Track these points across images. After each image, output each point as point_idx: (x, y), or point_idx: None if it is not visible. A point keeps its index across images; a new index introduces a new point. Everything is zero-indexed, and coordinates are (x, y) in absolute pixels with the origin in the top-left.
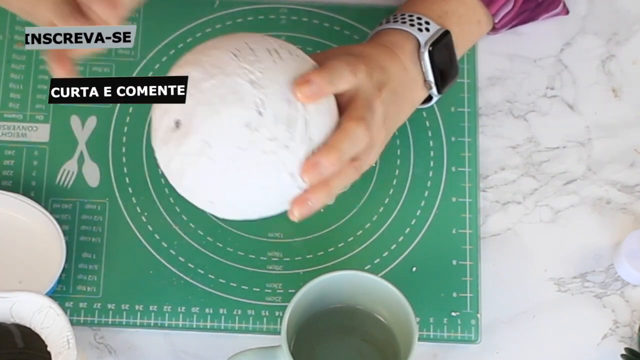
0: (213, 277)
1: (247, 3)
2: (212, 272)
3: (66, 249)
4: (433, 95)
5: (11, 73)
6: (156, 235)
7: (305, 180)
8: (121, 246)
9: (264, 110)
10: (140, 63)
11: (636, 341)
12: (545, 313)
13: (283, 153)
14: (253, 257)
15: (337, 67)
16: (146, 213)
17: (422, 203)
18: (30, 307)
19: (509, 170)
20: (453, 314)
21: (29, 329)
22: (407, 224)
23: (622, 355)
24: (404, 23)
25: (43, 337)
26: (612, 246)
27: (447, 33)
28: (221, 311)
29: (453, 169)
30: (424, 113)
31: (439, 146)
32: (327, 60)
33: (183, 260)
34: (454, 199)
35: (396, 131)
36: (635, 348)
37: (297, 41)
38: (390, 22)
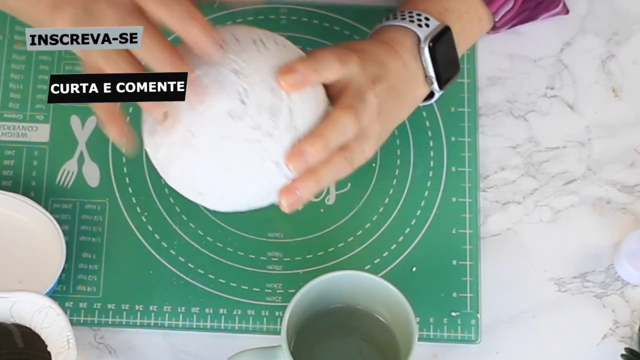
0: (213, 277)
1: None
2: (212, 272)
3: (66, 249)
4: (435, 91)
5: (11, 73)
6: (156, 235)
7: (290, 168)
8: (121, 246)
9: (247, 99)
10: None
11: (636, 341)
12: (545, 313)
13: (267, 141)
14: (253, 257)
15: (324, 56)
16: (146, 213)
17: (422, 203)
18: (30, 307)
19: (509, 170)
20: (453, 314)
21: (29, 329)
22: (407, 224)
23: (622, 355)
24: (404, 19)
25: (43, 337)
26: (612, 246)
27: (447, 29)
28: (221, 311)
29: (453, 169)
30: (424, 113)
31: (439, 146)
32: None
33: (183, 260)
34: (454, 199)
35: (396, 131)
36: (635, 348)
37: (297, 41)
38: (390, 20)
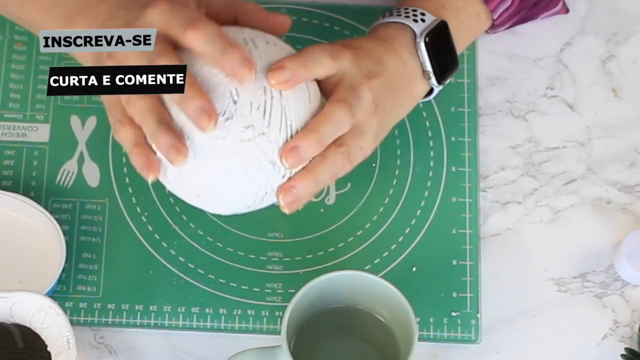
0: (213, 277)
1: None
2: (212, 272)
3: (66, 249)
4: (433, 86)
5: (11, 73)
6: (156, 235)
7: (285, 164)
8: (121, 246)
9: (239, 98)
10: None
11: (636, 341)
12: (545, 313)
13: (261, 140)
14: (253, 257)
15: (313, 53)
16: (146, 213)
17: (422, 203)
18: (30, 307)
19: (509, 170)
20: (453, 314)
21: (29, 329)
22: (407, 224)
23: (622, 355)
24: (399, 16)
25: (43, 337)
26: (612, 246)
27: (444, 23)
28: (221, 311)
29: (453, 169)
30: (424, 113)
31: (439, 146)
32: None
33: (183, 260)
34: (454, 199)
35: (396, 131)
36: (635, 348)
37: (297, 41)
38: (386, 17)
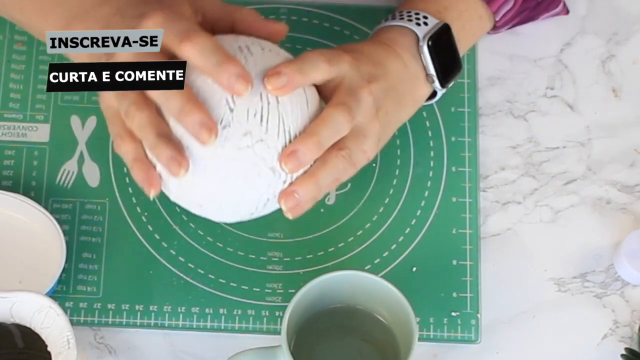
0: (213, 277)
1: (247, 3)
2: (212, 272)
3: (66, 249)
4: (437, 89)
5: (11, 73)
6: (156, 235)
7: (284, 169)
8: (121, 246)
9: (235, 106)
10: None
11: (636, 341)
12: (545, 313)
13: (259, 147)
14: (253, 257)
15: (310, 58)
16: (146, 213)
17: (422, 203)
18: (30, 307)
19: (509, 170)
20: (453, 314)
21: (29, 329)
22: (407, 224)
23: (622, 355)
24: (402, 19)
25: (43, 337)
26: (612, 246)
27: (447, 26)
28: (221, 311)
29: (453, 169)
30: (424, 113)
31: (439, 146)
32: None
33: (183, 260)
34: (454, 199)
35: (396, 131)
36: (635, 348)
37: (297, 41)
38: (388, 20)
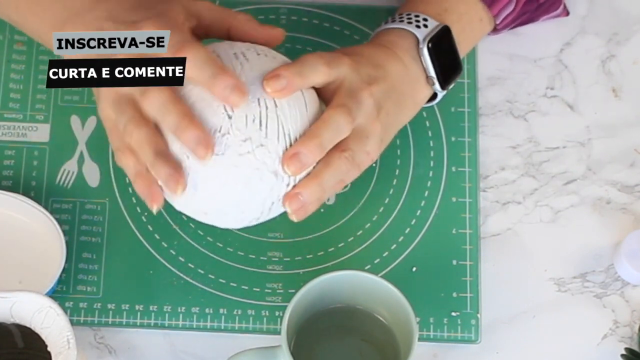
0: (213, 277)
1: (247, 3)
2: (212, 272)
3: (66, 249)
4: (437, 91)
5: (11, 73)
6: (156, 235)
7: (287, 171)
8: (121, 246)
9: (233, 112)
10: None
11: (636, 341)
12: (545, 313)
13: (260, 152)
14: (253, 257)
15: (309, 60)
16: (146, 213)
17: (422, 203)
18: (30, 307)
19: (509, 170)
20: (453, 314)
21: (29, 329)
22: (407, 224)
23: (622, 355)
24: (402, 22)
25: (43, 337)
26: (612, 246)
27: (447, 29)
28: (221, 311)
29: (453, 169)
30: (424, 113)
31: (439, 146)
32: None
33: (183, 260)
34: (454, 199)
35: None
36: (635, 348)
37: (297, 41)
38: (388, 23)
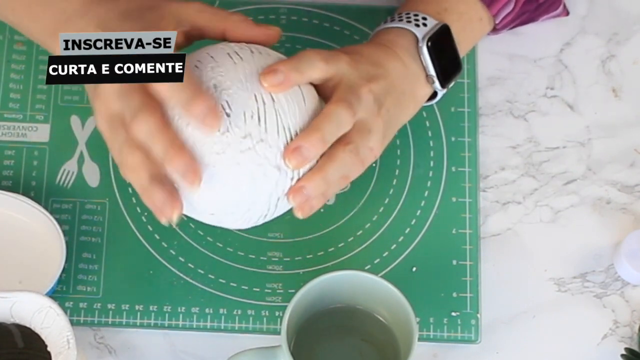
0: (213, 277)
1: (247, 3)
2: (212, 272)
3: (66, 249)
4: (437, 90)
5: (11, 73)
6: (156, 235)
7: (289, 165)
8: (121, 246)
9: (231, 110)
10: None
11: (636, 341)
12: (545, 313)
13: (261, 147)
14: (253, 257)
15: (306, 56)
16: (146, 213)
17: (422, 203)
18: (30, 307)
19: (509, 170)
20: (453, 314)
21: (29, 329)
22: (407, 224)
23: (622, 355)
24: (401, 21)
25: (43, 337)
26: (612, 246)
27: (446, 27)
28: (221, 311)
29: (453, 169)
30: (424, 113)
31: (439, 146)
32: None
33: (183, 260)
34: (454, 199)
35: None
36: (635, 348)
37: (297, 41)
38: (388, 22)
